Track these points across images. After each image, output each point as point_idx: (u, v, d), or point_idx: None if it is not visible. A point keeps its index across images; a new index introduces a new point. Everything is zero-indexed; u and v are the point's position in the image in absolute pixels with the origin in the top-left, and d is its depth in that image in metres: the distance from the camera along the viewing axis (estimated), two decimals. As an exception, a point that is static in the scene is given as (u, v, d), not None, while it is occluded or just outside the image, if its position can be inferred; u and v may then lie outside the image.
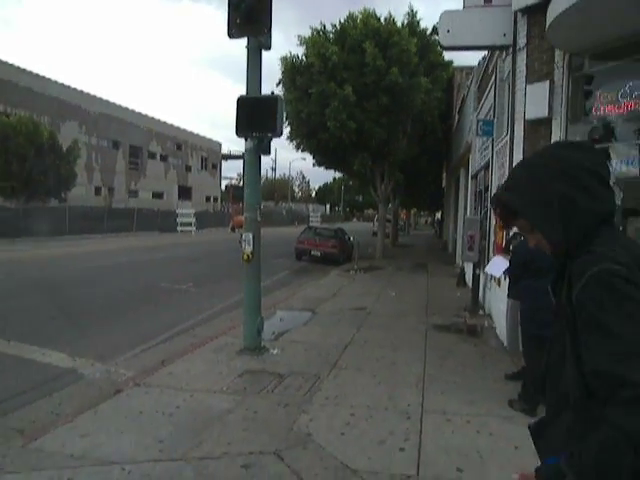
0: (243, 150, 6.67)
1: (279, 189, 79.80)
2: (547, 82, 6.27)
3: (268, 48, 5.84)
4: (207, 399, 4.59)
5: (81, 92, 37.39)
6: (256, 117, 5.34)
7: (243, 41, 5.75)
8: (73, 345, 6.35)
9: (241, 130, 5.44)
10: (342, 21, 16.92)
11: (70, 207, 27.61)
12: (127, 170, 42.60)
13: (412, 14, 17.48)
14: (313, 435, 3.92)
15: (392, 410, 4.45)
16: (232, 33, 5.46)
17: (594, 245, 1.23)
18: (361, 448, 3.72)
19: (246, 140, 5.65)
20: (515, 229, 1.51)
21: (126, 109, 42.26)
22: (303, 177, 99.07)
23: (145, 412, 4.22)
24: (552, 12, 5.44)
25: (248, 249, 5.94)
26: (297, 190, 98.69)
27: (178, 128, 50.93)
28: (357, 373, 5.47)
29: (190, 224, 33.68)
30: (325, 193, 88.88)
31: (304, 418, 4.25)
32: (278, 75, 17.29)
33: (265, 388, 4.95)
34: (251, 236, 5.92)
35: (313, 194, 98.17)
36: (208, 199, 57.06)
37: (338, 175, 34.65)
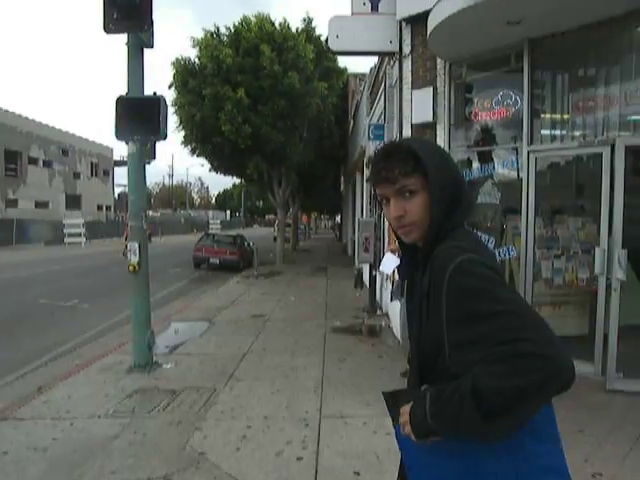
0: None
1: (177, 196, 77.21)
2: (431, 88, 6.57)
3: (151, 46, 5.51)
4: (90, 426, 4.18)
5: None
6: (137, 119, 5.00)
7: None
8: None
9: (121, 133, 5.06)
10: (236, 24, 16.69)
11: None
12: (3, 177, 38.68)
13: (308, 20, 17.70)
14: (207, 453, 3.71)
15: (290, 419, 4.35)
16: (109, 28, 5.07)
17: (452, 240, 1.25)
18: (257, 462, 3.58)
19: (127, 144, 5.28)
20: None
21: None
22: (202, 183, 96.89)
23: (12, 451, 3.73)
24: (431, 23, 5.69)
25: (134, 259, 5.55)
26: (196, 197, 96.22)
27: (63, 132, 47.27)
28: (255, 383, 5.31)
29: (79, 235, 31.42)
30: (225, 199, 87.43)
31: (198, 436, 4.01)
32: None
33: (156, 407, 4.62)
34: (137, 245, 5.54)
35: (213, 200, 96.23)
36: (100, 208, 53.52)
37: (238, 181, 34.09)
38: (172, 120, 17.47)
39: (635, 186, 4.98)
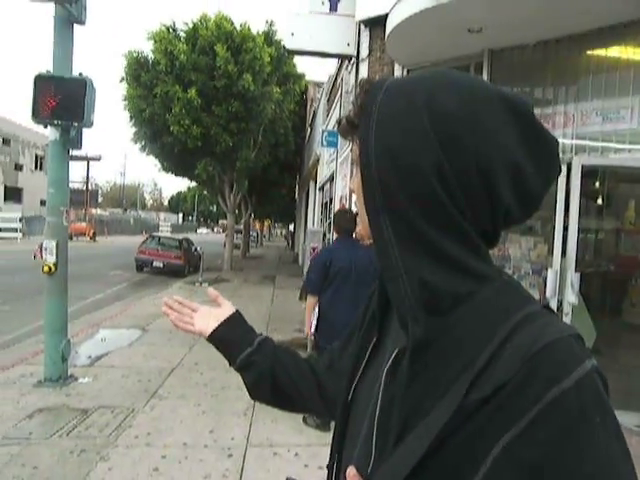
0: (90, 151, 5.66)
1: (128, 196, 74.92)
2: (386, 95, 6.30)
3: (82, 23, 4.94)
4: (-29, 454, 3.56)
5: None
6: (59, 102, 4.42)
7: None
8: None
9: (38, 116, 4.46)
10: (195, 21, 16.09)
11: None
12: None
13: (271, 23, 17.31)
14: (108, 491, 3.18)
15: (213, 447, 3.86)
16: (31, -4, 4.49)
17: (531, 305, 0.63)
18: (167, 502, 3.09)
19: (45, 127, 4.68)
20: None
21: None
22: (155, 184, 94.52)
23: None
24: (389, 25, 5.42)
25: (50, 259, 4.92)
26: (148, 198, 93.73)
27: (5, 119, 44.75)
28: (179, 402, 4.78)
29: (15, 230, 29.62)
30: (178, 202, 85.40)
31: (102, 468, 3.46)
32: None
33: (59, 431, 4.02)
34: (54, 244, 4.92)
35: (166, 202, 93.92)
36: (43, 203, 51.00)
37: (193, 184, 33.11)
38: (124, 115, 16.68)
39: (591, 208, 4.85)
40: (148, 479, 3.33)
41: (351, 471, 0.64)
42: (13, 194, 45.32)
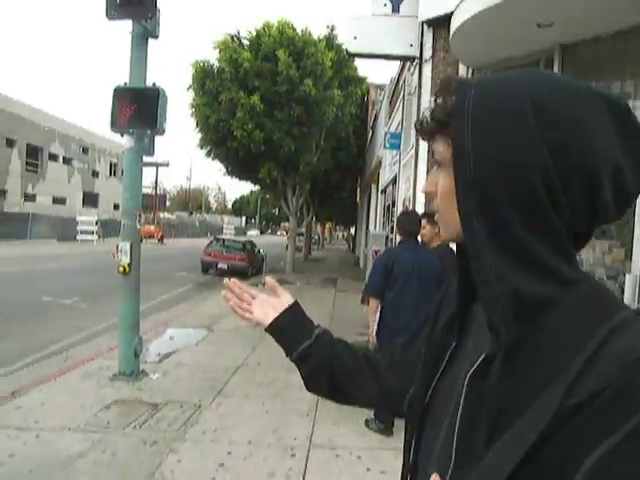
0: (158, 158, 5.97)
1: (194, 199, 77.71)
2: (451, 96, 6.18)
3: (156, 37, 5.22)
4: (57, 440, 3.81)
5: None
6: (134, 111, 4.68)
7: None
8: None
9: (116, 125, 4.74)
10: (258, 28, 16.52)
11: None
12: (23, 172, 39.03)
13: (332, 27, 17.47)
14: (178, 482, 3.31)
15: (276, 446, 3.93)
16: (111, 14, 4.78)
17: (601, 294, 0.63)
18: (233, 496, 3.17)
19: (122, 136, 4.97)
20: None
21: (23, 104, 38.66)
22: (219, 188, 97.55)
23: (-37, 463, 3.38)
24: (454, 24, 5.32)
25: (125, 260, 5.21)
26: (213, 201, 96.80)
27: (85, 130, 47.72)
28: (244, 401, 4.90)
29: (92, 232, 31.47)
30: (241, 205, 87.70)
31: (171, 459, 3.62)
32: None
33: (133, 422, 4.24)
34: (128, 245, 5.20)
35: (229, 206, 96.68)
36: (116, 207, 53.88)
37: (255, 188, 33.95)
38: (190, 122, 17.37)
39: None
40: (214, 474, 3.44)
41: (435, 478, 0.64)
42: (90, 199, 48.24)
